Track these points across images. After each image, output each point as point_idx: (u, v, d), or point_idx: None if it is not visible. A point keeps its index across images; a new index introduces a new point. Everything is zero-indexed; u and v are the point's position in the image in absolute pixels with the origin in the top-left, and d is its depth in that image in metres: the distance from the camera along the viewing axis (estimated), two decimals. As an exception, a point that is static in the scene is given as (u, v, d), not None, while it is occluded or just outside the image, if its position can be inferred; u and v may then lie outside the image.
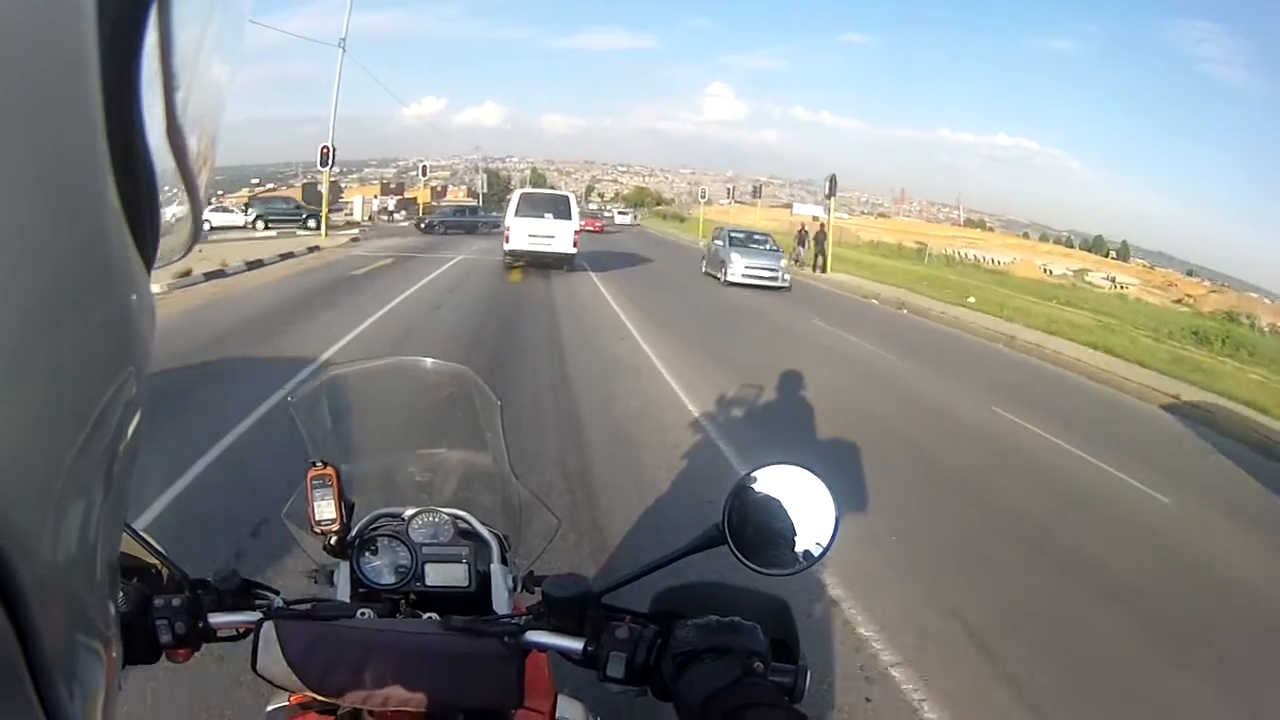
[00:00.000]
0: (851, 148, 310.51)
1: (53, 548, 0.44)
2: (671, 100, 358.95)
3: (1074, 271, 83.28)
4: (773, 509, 1.57)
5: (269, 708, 1.89)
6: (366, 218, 56.43)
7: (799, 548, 1.56)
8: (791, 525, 1.56)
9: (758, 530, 1.56)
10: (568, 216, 28.21)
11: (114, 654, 0.57)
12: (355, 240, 38.61)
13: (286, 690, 1.70)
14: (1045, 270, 79.10)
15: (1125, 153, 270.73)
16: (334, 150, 39.12)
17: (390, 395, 2.67)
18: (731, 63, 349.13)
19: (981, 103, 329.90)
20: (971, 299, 31.89)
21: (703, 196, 67.98)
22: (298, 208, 51.07)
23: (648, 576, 1.60)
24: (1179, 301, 72.84)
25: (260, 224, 47.82)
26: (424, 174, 59.55)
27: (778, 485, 1.58)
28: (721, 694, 1.32)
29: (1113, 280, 79.24)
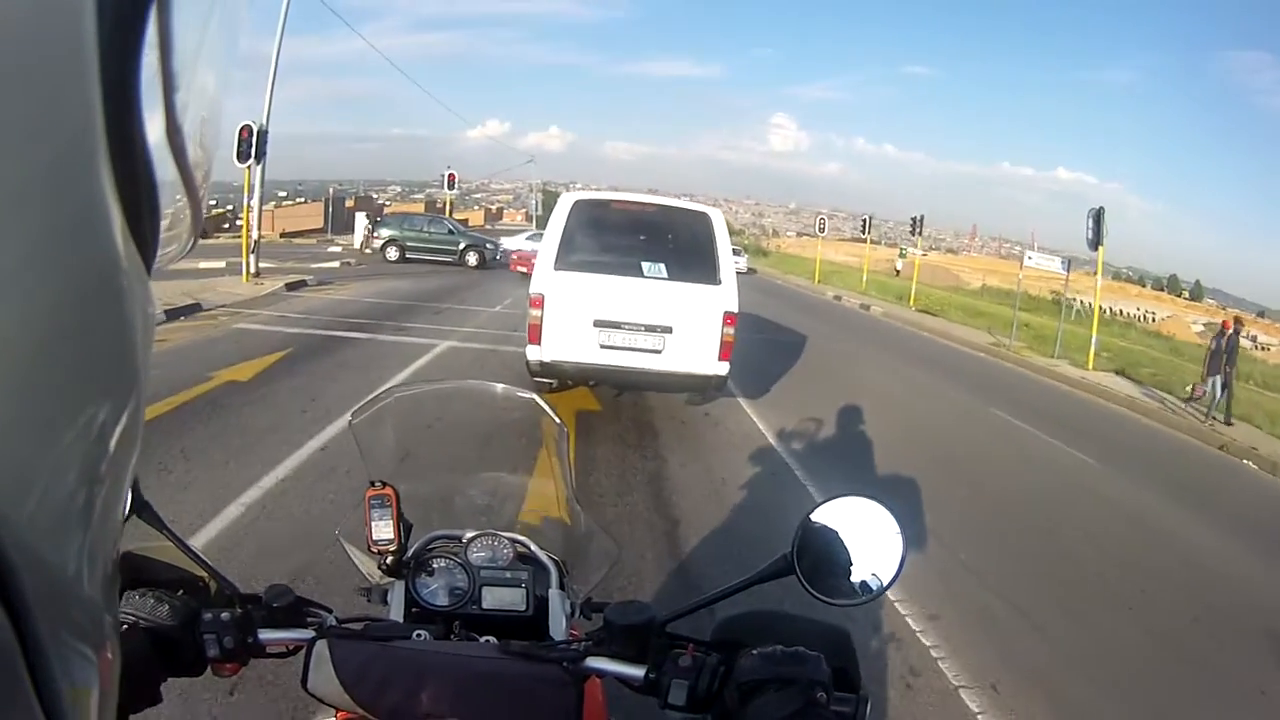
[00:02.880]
0: (914, 181, 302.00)
1: (53, 549, 0.44)
2: (735, 130, 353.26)
3: (1206, 328, 69.32)
4: (841, 540, 1.55)
5: None
6: (362, 245, 40.61)
7: (865, 577, 1.54)
8: (858, 556, 1.55)
9: (825, 560, 1.54)
10: (712, 271, 10.87)
11: (113, 655, 0.56)
12: (286, 288, 22.44)
13: (334, 708, 1.61)
14: (1194, 327, 65.71)
15: (1181, 187, 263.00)
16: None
17: (454, 417, 2.62)
18: (795, 94, 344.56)
19: (1041, 136, 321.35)
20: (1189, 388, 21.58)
21: (821, 230, 53.44)
22: (451, 232, 38.12)
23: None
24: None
25: (392, 251, 36.01)
26: (450, 185, 48.67)
27: (847, 516, 1.57)
28: None
29: (1254, 339, 65.43)
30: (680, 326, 10.59)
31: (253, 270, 22.86)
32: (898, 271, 49.51)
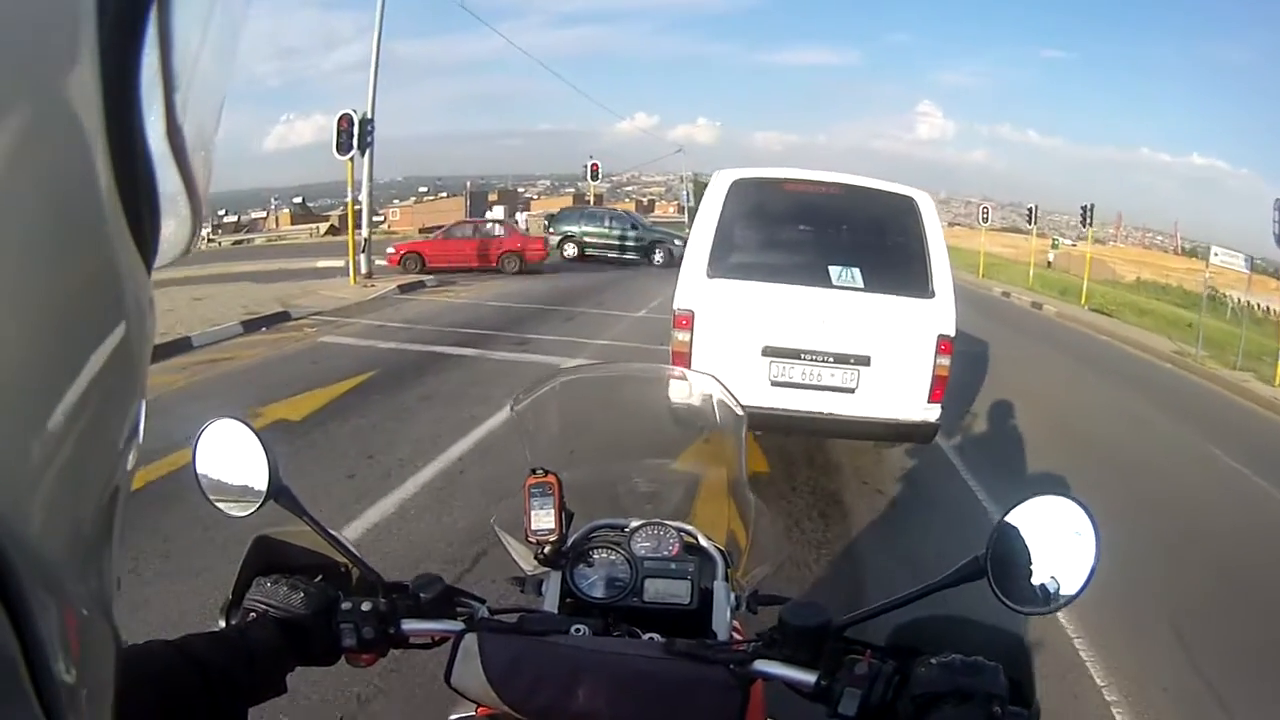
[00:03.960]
0: (1058, 168, 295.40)
1: (53, 548, 0.44)
2: (881, 118, 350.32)
3: None
4: (1032, 543, 1.46)
5: (451, 718, 1.80)
6: None
7: (1055, 584, 1.45)
8: (1050, 560, 1.46)
9: (1015, 565, 1.46)
10: (923, 279, 7.57)
11: (114, 654, 0.56)
12: (399, 290, 20.37)
13: (476, 703, 1.58)
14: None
15: None
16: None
17: (621, 402, 2.59)
18: (936, 80, 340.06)
19: (1177, 120, 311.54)
20: None
21: (985, 219, 49.71)
22: (634, 227, 35.18)
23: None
24: None
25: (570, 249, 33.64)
26: (594, 176, 44.22)
27: (1041, 518, 1.47)
28: None
29: None
30: (881, 356, 7.52)
31: (363, 270, 20.68)
32: (1049, 263, 47.80)
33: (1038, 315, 31.91)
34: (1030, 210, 47.71)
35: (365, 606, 1.56)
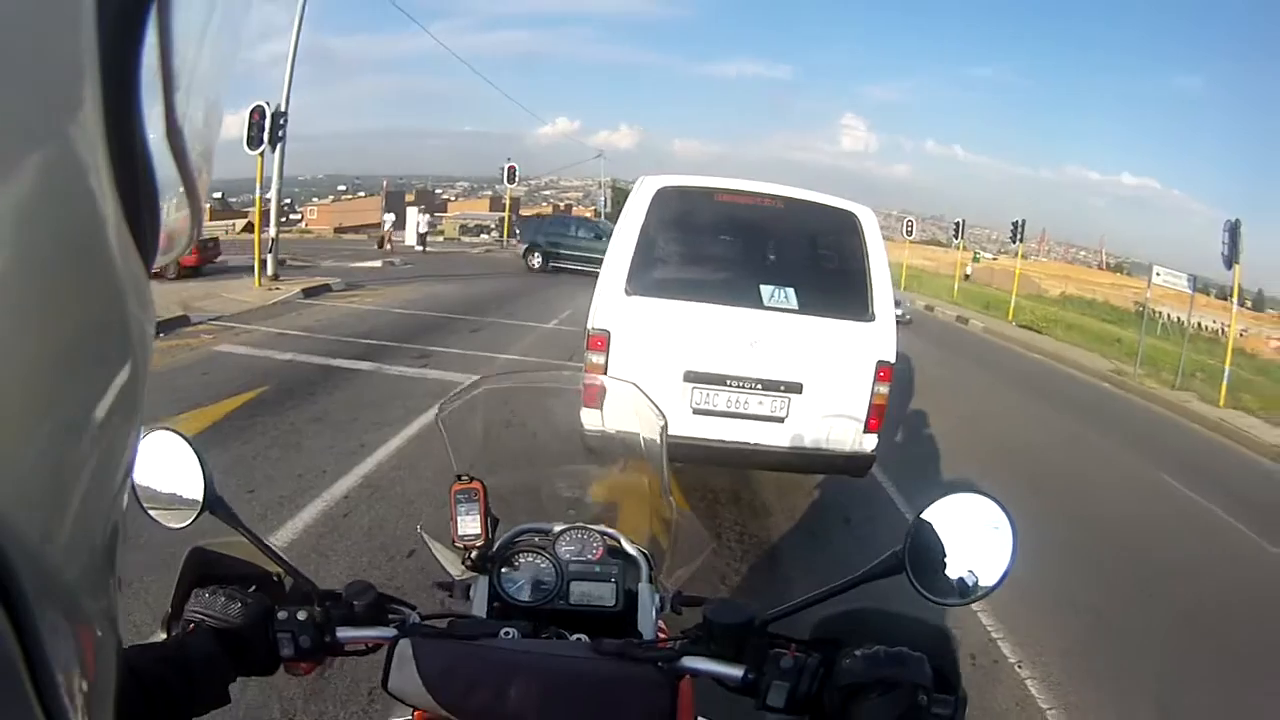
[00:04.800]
0: (981, 184, 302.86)
1: (53, 549, 0.45)
2: (805, 130, 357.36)
3: None
4: (951, 538, 1.49)
5: None
6: (418, 244, 36.85)
7: (974, 577, 1.48)
8: (968, 555, 1.49)
9: (935, 559, 1.48)
10: (862, 301, 6.96)
11: (114, 654, 0.58)
12: (303, 294, 19.02)
13: (415, 708, 1.59)
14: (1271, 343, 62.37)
15: (1241, 194, 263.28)
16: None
17: (543, 408, 2.63)
18: (864, 93, 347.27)
19: (1108, 140, 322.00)
20: None
21: (909, 233, 50.25)
22: (604, 236, 33.04)
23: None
24: None
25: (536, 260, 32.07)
26: (510, 178, 42.34)
27: (959, 515, 1.50)
28: None
29: None
30: (814, 383, 6.90)
31: (269, 273, 19.96)
32: (967, 276, 47.86)
33: (963, 331, 31.86)
34: (957, 224, 48.73)
35: (301, 615, 1.54)
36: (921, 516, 1.50)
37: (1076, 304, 57.65)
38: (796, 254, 7.60)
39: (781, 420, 6.93)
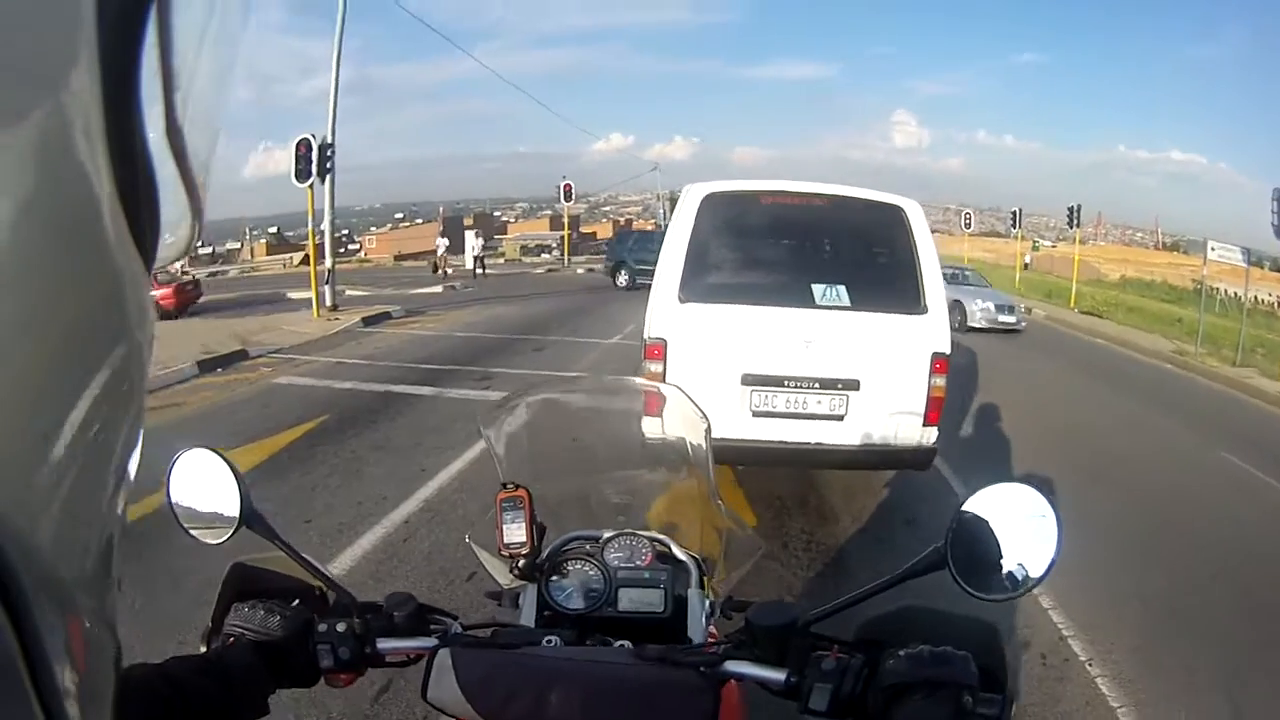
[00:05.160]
0: (1035, 171, 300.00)
1: (53, 550, 0.45)
2: (858, 129, 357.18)
3: None
4: (994, 531, 1.46)
5: None
6: (475, 267, 35.84)
7: (1020, 570, 1.45)
8: (1013, 548, 1.46)
9: (978, 553, 1.45)
10: (914, 294, 6.89)
11: (113, 653, 0.57)
12: (363, 323, 19.23)
13: (455, 718, 1.56)
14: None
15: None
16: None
17: (589, 416, 2.61)
18: (913, 88, 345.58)
19: (1154, 117, 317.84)
20: None
21: (968, 225, 51.00)
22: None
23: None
24: None
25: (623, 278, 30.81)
26: (567, 196, 41.81)
27: (1001, 506, 1.47)
28: None
29: None
30: (871, 379, 6.82)
31: (327, 303, 20.03)
32: (1026, 265, 47.36)
33: (1027, 320, 31.47)
34: (1014, 214, 47.42)
35: (340, 627, 1.55)
36: (962, 509, 1.47)
37: (1136, 286, 57.18)
38: (845, 251, 7.54)
39: (841, 418, 6.87)
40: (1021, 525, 1.46)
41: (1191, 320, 27.93)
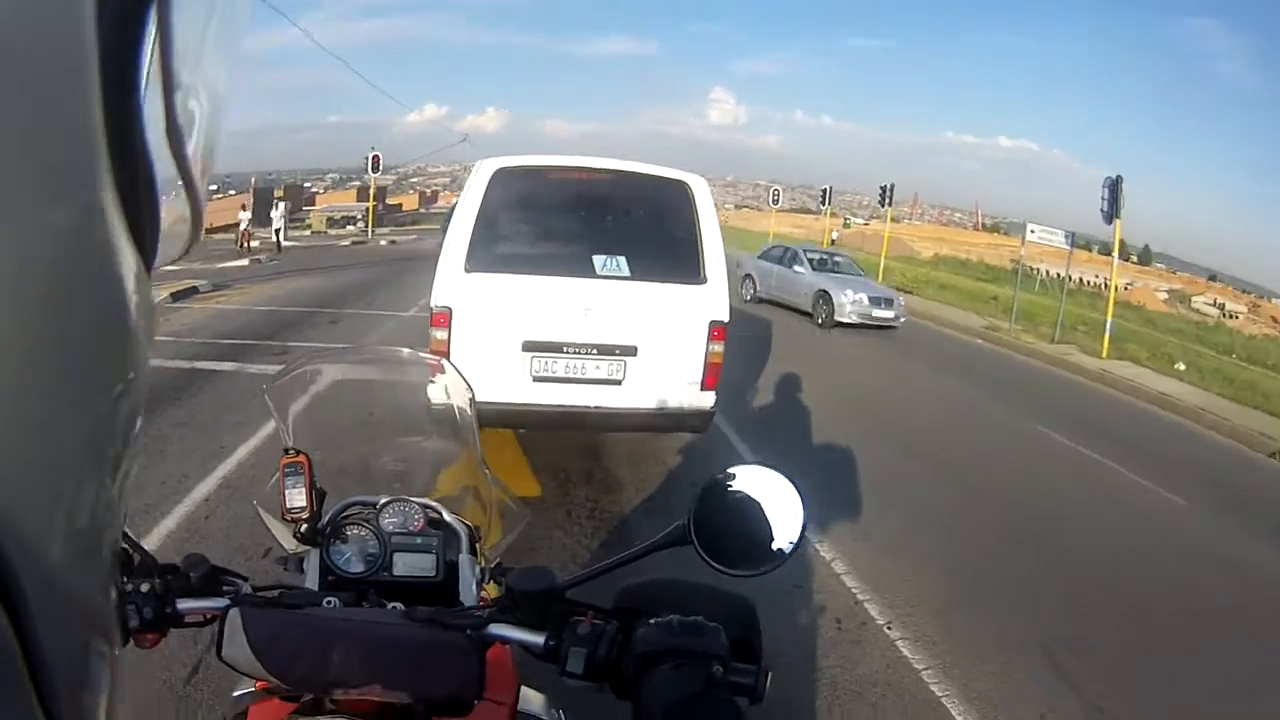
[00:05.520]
0: (852, 152, 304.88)
1: (54, 549, 0.45)
2: (674, 105, 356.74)
3: (1170, 295, 66.98)
4: (740, 510, 1.55)
5: (235, 693, 1.84)
6: (277, 240, 35.09)
7: (764, 548, 1.54)
8: (759, 527, 1.54)
9: (724, 530, 1.53)
10: (694, 265, 7.50)
11: (116, 653, 0.58)
12: (171, 298, 18.38)
13: (251, 677, 1.63)
14: (1159, 295, 63.70)
15: (1121, 151, 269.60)
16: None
17: (367, 384, 2.69)
18: (734, 68, 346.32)
19: (983, 105, 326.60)
20: (1181, 365, 22.81)
21: (775, 201, 53.20)
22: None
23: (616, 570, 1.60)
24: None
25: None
26: (375, 167, 44.58)
27: (747, 487, 1.56)
28: (681, 706, 1.33)
29: (1222, 308, 63.50)
30: (649, 346, 7.40)
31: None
32: (833, 241, 47.65)
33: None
34: (824, 191, 49.07)
35: (144, 588, 1.57)
36: (707, 487, 1.55)
37: (950, 264, 58.87)
38: (629, 224, 7.92)
39: (619, 383, 7.36)
40: (768, 506, 1.54)
41: (1007, 298, 28.83)
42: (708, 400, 7.54)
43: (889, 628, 5.71)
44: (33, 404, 0.41)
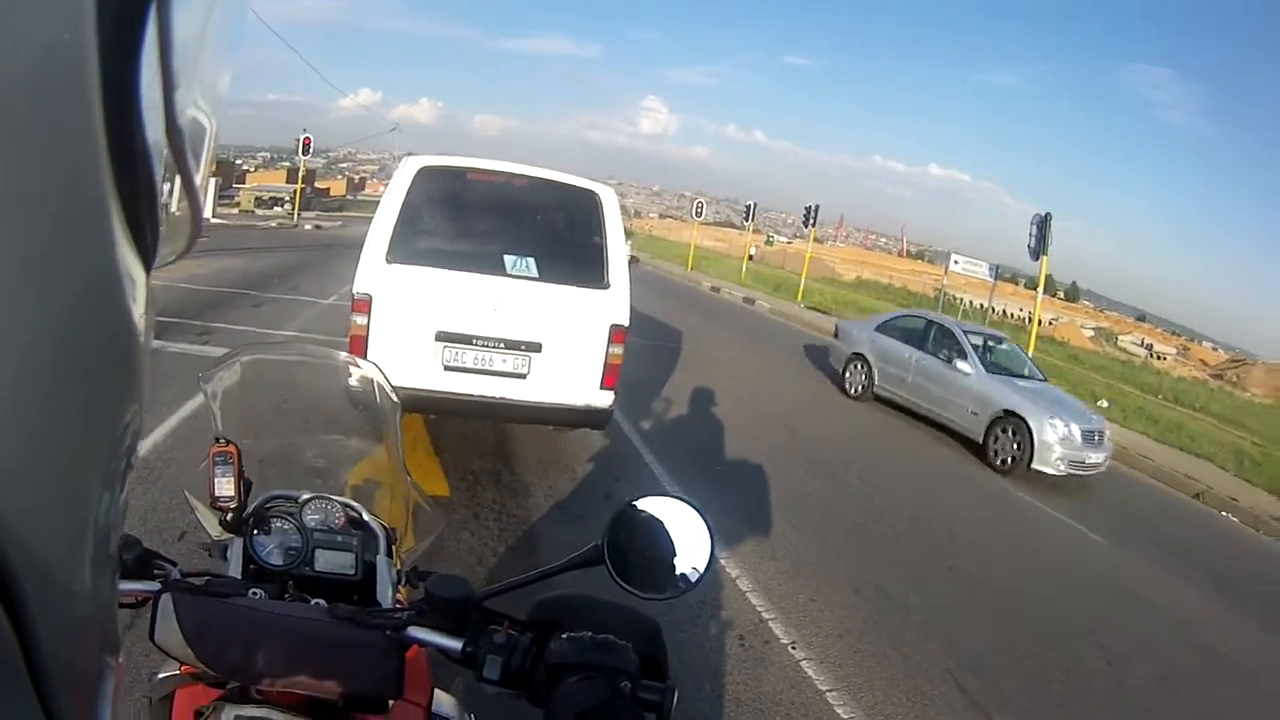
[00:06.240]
0: (782, 170, 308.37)
1: (54, 549, 0.45)
2: (606, 110, 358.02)
3: (1096, 332, 67.93)
4: (653, 536, 1.62)
5: (159, 675, 1.85)
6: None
7: (675, 574, 1.61)
8: (668, 553, 1.61)
9: (637, 554, 1.61)
10: (599, 270, 8.03)
11: (113, 653, 0.58)
12: None
13: (179, 661, 1.67)
14: (1085, 332, 64.48)
15: (1052, 188, 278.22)
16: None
17: (295, 379, 2.65)
18: (669, 76, 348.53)
19: (916, 133, 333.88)
20: (1104, 403, 22.79)
21: (699, 214, 52.21)
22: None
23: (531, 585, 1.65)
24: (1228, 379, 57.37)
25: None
26: (305, 150, 41.62)
27: (660, 515, 1.63)
28: (592, 712, 1.37)
29: (1149, 348, 64.52)
30: (552, 343, 8.04)
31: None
32: (751, 257, 48.64)
33: (750, 311, 32.35)
34: (748, 207, 48.88)
35: None
36: (621, 512, 1.62)
37: (872, 288, 59.38)
38: (541, 228, 8.44)
39: (524, 376, 7.92)
40: (678, 534, 1.62)
41: None
42: (606, 399, 8.12)
43: (793, 648, 5.83)
44: (32, 404, 0.41)
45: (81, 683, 0.50)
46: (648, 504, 1.64)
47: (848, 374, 16.89)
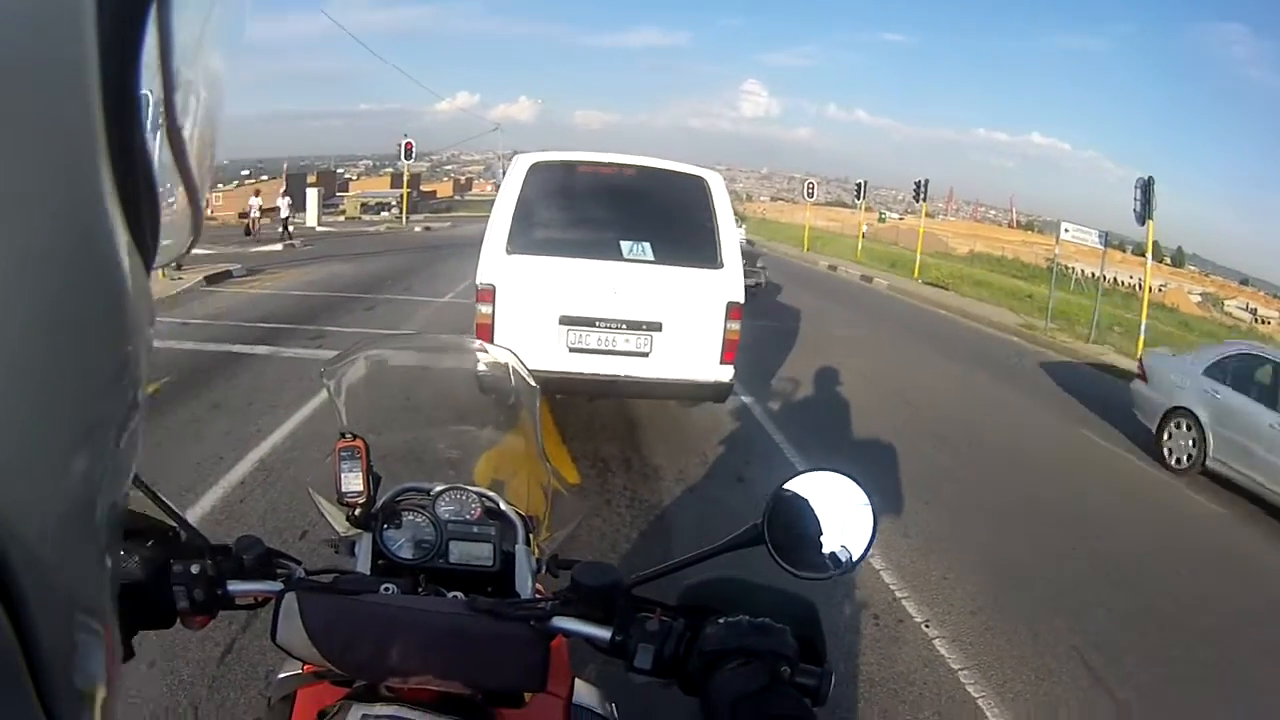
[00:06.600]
0: (886, 146, 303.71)
1: (53, 548, 0.44)
2: (705, 97, 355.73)
3: (1203, 298, 65.56)
4: (812, 513, 1.53)
5: (280, 675, 1.83)
6: (281, 228, 32.99)
7: (835, 553, 1.53)
8: (829, 530, 1.53)
9: (795, 533, 1.52)
10: (712, 251, 8.00)
11: (115, 652, 0.56)
12: (206, 281, 18.72)
13: (302, 660, 1.61)
14: (1192, 297, 62.20)
15: (1154, 154, 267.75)
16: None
17: (427, 371, 2.67)
18: (766, 60, 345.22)
19: (1017, 102, 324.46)
20: None
21: (810, 194, 52.20)
22: None
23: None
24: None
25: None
26: (407, 155, 42.71)
27: (819, 491, 1.55)
28: (750, 698, 1.32)
29: (1254, 313, 62.16)
30: (672, 322, 8.14)
31: (173, 263, 18.91)
32: (864, 235, 47.59)
33: (867, 289, 31.62)
34: (859, 185, 48.69)
35: (194, 569, 1.55)
36: (781, 489, 1.53)
37: (985, 261, 58.01)
38: (652, 214, 8.39)
39: (646, 355, 8.05)
40: (839, 510, 1.53)
41: (1042, 296, 28.45)
42: (726, 373, 8.19)
43: (926, 626, 5.62)
44: (32, 404, 0.40)
45: (82, 680, 0.48)
46: (805, 480, 1.55)
47: (1165, 436, 10.99)
